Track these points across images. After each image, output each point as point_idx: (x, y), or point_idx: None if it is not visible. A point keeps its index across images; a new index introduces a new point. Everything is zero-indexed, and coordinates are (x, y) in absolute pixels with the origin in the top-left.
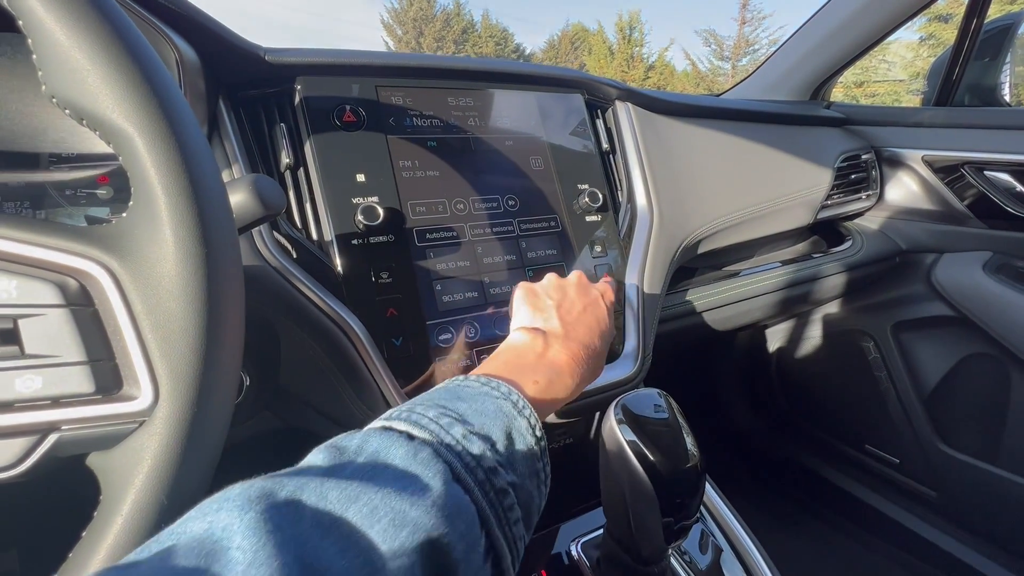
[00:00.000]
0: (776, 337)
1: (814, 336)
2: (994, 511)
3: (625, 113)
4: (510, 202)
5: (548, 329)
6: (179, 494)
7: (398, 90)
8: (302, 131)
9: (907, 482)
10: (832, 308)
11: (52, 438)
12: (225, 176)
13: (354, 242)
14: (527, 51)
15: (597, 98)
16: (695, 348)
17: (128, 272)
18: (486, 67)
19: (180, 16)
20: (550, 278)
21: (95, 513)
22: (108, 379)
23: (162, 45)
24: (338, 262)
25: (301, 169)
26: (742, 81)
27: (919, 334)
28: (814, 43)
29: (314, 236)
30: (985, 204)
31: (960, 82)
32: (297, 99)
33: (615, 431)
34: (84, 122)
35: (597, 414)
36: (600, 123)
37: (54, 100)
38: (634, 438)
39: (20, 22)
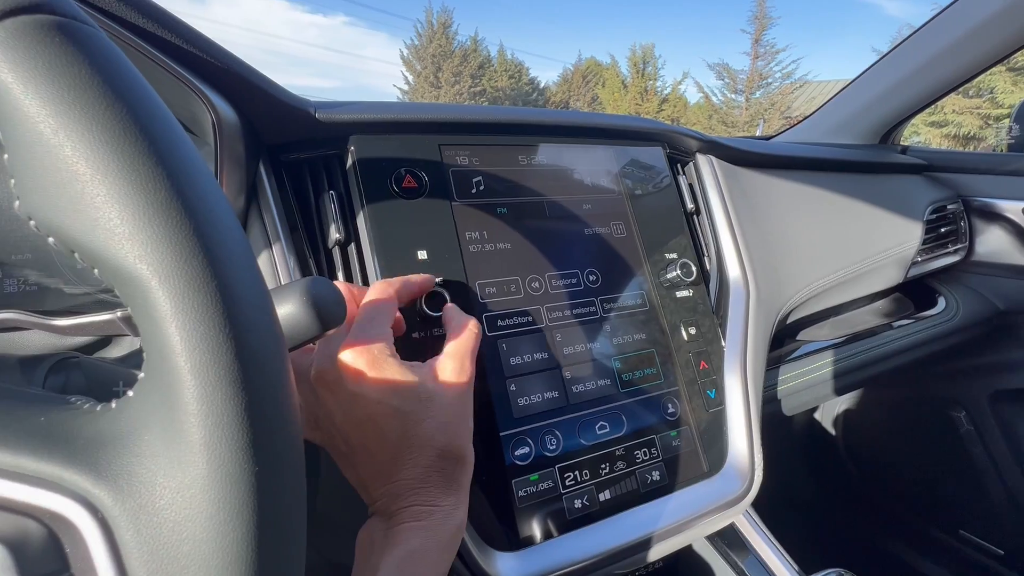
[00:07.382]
0: (842, 400)
1: (890, 401)
2: None
3: (708, 167)
4: (591, 277)
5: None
6: None
7: (464, 148)
8: (355, 200)
9: None
10: (913, 371)
11: None
12: (263, 259)
13: (414, 335)
14: (541, 84)
15: (678, 151)
16: None
17: (126, 511)
18: (560, 120)
19: (219, 70)
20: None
21: None
22: None
23: (197, 106)
24: None
25: (352, 245)
26: (797, 123)
27: (1022, 405)
28: (887, 85)
29: None
30: None
31: None
32: (350, 161)
33: None
34: (75, 255)
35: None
36: (683, 179)
37: (32, 223)
38: None
39: None
